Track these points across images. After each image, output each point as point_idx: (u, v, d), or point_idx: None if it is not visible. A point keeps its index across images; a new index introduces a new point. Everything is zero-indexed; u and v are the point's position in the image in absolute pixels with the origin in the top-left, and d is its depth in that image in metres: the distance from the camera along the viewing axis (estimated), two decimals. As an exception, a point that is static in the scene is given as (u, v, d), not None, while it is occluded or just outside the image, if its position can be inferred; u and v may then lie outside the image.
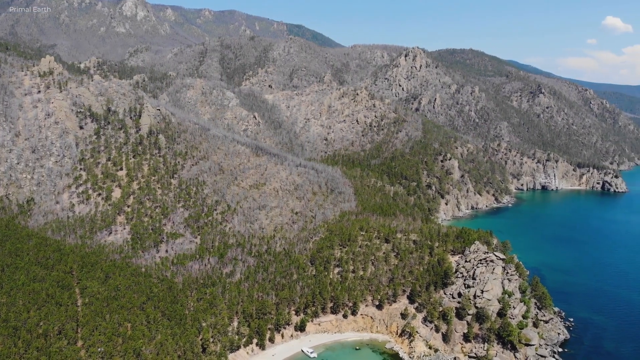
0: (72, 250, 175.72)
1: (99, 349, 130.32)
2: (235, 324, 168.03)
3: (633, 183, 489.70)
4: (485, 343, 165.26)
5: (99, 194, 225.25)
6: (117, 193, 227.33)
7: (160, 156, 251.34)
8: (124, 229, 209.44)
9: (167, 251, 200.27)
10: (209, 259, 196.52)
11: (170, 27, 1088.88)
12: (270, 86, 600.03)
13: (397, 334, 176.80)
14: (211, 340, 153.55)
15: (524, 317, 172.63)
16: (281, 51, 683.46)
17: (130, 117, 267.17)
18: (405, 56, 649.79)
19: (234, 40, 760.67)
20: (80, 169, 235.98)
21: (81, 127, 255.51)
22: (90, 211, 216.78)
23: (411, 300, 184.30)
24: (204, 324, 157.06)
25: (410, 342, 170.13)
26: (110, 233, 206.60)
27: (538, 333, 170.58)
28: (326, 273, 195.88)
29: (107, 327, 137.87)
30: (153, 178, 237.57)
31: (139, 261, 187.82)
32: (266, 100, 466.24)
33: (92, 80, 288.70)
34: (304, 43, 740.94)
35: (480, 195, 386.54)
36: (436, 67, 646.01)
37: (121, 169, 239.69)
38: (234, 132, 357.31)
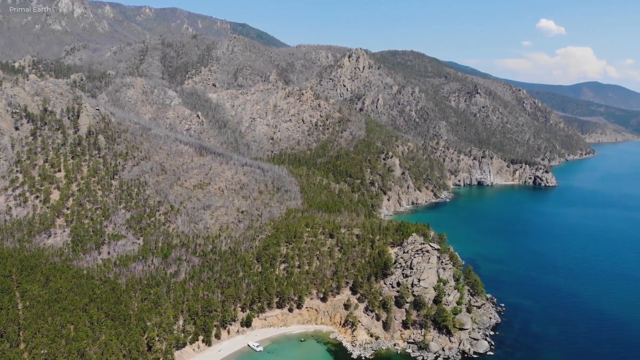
0: (10, 254, 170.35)
1: (42, 351, 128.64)
2: (181, 322, 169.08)
3: (563, 178, 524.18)
4: (423, 329, 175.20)
5: (37, 197, 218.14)
6: (55, 195, 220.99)
7: (100, 157, 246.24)
8: (64, 231, 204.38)
9: (109, 253, 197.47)
10: (152, 260, 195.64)
11: (109, 25, 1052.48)
12: (214, 85, 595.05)
13: (340, 324, 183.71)
14: (157, 338, 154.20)
15: (458, 303, 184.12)
16: (225, 50, 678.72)
17: (68, 118, 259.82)
18: (349, 57, 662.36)
19: (175, 38, 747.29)
20: (17, 171, 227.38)
21: (17, 128, 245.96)
22: (28, 214, 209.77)
23: (354, 291, 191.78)
24: (148, 324, 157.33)
25: (352, 331, 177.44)
26: (50, 236, 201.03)
27: (471, 318, 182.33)
28: (272, 269, 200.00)
29: (50, 329, 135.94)
30: (93, 179, 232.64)
31: (80, 263, 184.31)
32: (210, 99, 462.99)
33: (27, 80, 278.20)
34: (248, 42, 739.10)
35: (420, 191, 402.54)
36: (378, 69, 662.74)
37: (59, 170, 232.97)
38: (177, 132, 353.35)
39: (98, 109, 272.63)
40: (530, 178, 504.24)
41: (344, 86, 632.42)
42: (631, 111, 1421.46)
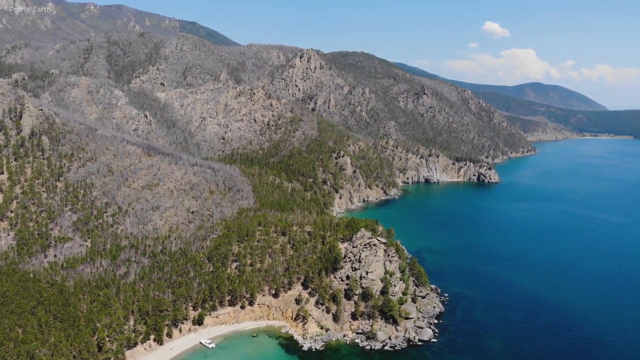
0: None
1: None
2: (132, 322, 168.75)
3: (505, 174, 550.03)
4: (370, 319, 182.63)
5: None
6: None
7: (44, 158, 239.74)
8: (8, 235, 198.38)
9: (55, 256, 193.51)
10: (100, 262, 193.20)
11: (52, 22, 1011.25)
12: (162, 84, 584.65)
13: (292, 318, 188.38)
14: (107, 339, 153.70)
15: (404, 294, 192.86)
16: (174, 48, 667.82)
17: (10, 118, 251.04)
18: (301, 57, 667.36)
19: (122, 36, 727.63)
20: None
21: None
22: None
23: (305, 286, 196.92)
24: (98, 325, 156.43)
25: (304, 325, 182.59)
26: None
27: (416, 307, 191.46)
28: (224, 268, 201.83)
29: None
30: (37, 181, 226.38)
31: (26, 267, 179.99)
32: (158, 98, 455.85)
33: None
34: (198, 41, 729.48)
35: (371, 189, 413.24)
36: (330, 69, 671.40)
37: (2, 172, 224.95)
38: (124, 132, 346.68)
39: (41, 110, 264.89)
40: (474, 175, 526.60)
41: (296, 86, 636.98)
42: (570, 110, 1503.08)
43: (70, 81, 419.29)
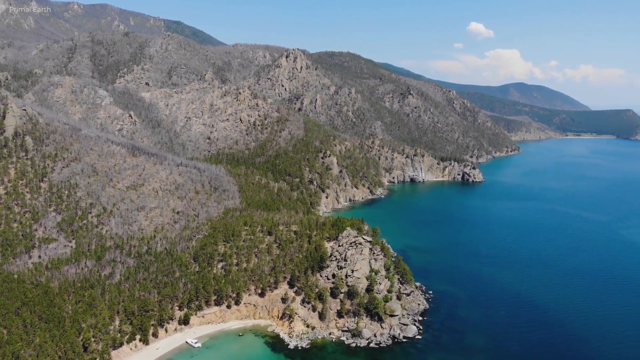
0: None
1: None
2: (117, 322, 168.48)
3: (489, 173, 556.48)
4: (356, 317, 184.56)
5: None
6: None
7: (27, 159, 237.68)
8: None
9: (40, 257, 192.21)
10: (85, 262, 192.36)
11: (36, 22, 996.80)
12: (147, 84, 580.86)
13: (278, 317, 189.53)
14: (92, 339, 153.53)
15: (389, 291, 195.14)
16: (159, 48, 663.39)
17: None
18: (287, 57, 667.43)
19: (106, 36, 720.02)
20: None
21: None
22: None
23: (291, 285, 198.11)
24: (83, 325, 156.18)
25: (290, 323, 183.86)
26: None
27: (401, 305, 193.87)
28: (210, 268, 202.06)
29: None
30: (21, 182, 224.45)
31: (10, 267, 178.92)
32: (143, 98, 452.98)
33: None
34: (183, 40, 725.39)
35: (357, 188, 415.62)
36: (316, 69, 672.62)
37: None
38: (108, 132, 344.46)
39: (25, 110, 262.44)
40: (458, 174, 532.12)
41: (282, 86, 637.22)
42: (554, 110, 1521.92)
43: (53, 81, 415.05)
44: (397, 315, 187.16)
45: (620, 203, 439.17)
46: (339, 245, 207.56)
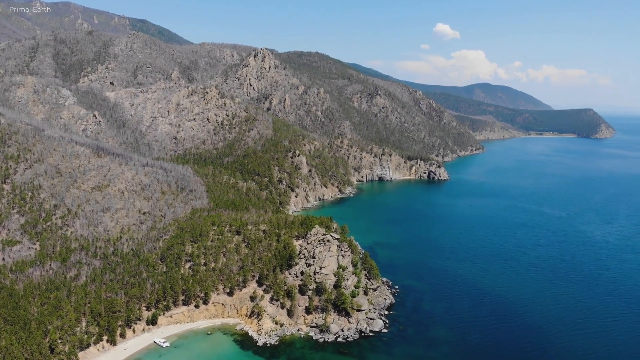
0: None
1: None
2: (84, 324, 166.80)
3: (454, 172, 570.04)
4: (324, 313, 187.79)
5: None
6: None
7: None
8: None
9: (3, 259, 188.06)
10: (50, 264, 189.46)
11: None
12: (112, 83, 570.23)
13: (247, 315, 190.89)
14: (59, 341, 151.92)
15: (356, 287, 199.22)
16: (123, 47, 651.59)
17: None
18: (255, 57, 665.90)
19: (69, 34, 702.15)
20: None
21: None
22: None
23: (260, 283, 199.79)
24: (50, 327, 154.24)
25: (258, 321, 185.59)
26: None
27: (368, 300, 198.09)
28: (177, 269, 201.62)
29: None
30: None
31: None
32: (107, 98, 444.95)
33: None
34: (148, 39, 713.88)
35: (326, 187, 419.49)
36: (284, 69, 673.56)
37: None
38: (72, 133, 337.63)
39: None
40: (425, 173, 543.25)
41: (251, 85, 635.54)
42: (517, 110, 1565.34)
43: (15, 81, 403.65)
44: (364, 310, 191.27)
45: (579, 199, 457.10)
46: (308, 243, 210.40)
